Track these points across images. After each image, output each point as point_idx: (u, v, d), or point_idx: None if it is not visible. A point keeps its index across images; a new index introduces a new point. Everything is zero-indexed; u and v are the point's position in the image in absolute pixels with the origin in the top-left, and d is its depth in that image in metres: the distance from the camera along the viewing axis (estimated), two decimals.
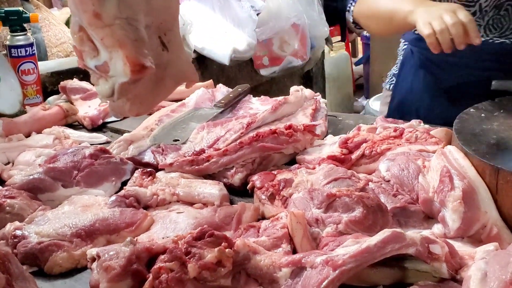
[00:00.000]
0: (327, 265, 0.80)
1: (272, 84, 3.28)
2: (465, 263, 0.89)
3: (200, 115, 1.59)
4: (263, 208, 1.17)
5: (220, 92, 1.76)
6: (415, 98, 1.80)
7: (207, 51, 2.66)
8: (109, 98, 0.75)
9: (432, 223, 1.06)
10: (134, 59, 0.71)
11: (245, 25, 2.62)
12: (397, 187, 1.13)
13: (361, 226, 0.98)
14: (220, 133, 1.39)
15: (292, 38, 2.85)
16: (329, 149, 1.35)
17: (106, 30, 0.72)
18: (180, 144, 1.38)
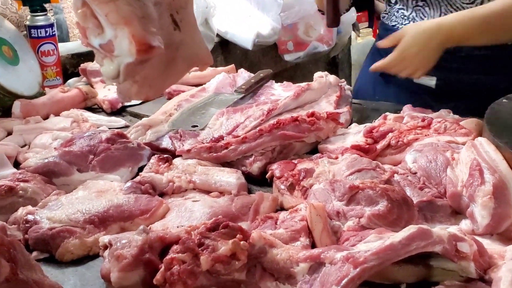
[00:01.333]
0: (347, 262, 0.75)
1: (297, 70, 3.22)
2: (495, 262, 0.84)
3: (220, 101, 1.54)
4: (282, 198, 1.12)
5: (241, 77, 1.72)
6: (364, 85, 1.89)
7: (230, 35, 2.61)
8: (114, 80, 0.71)
9: (460, 218, 1.01)
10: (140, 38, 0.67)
11: (270, 9, 2.56)
12: (424, 180, 1.08)
13: (385, 221, 0.93)
14: (240, 120, 1.35)
15: (317, 23, 2.78)
16: (353, 138, 1.30)
17: (111, 5, 0.68)
18: (198, 130, 1.35)
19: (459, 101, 1.52)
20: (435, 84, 1.65)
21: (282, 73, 3.04)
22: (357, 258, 0.75)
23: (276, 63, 3.00)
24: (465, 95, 1.61)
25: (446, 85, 1.63)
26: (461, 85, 1.63)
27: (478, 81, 1.62)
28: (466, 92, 1.63)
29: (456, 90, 1.63)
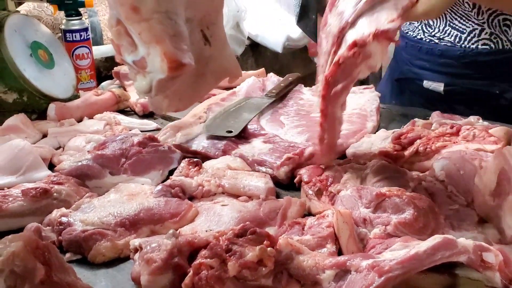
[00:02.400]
0: (372, 270, 0.76)
1: None
2: None
3: (252, 105, 1.56)
4: (309, 203, 1.13)
5: (270, 81, 1.73)
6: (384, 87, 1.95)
7: (260, 38, 2.63)
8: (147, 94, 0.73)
9: (487, 227, 1.00)
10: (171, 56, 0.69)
11: None
12: (451, 188, 1.07)
13: (411, 229, 0.94)
14: None
15: None
16: (381, 144, 1.31)
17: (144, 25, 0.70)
18: (233, 135, 1.37)
19: (469, 107, 1.54)
20: (443, 90, 1.69)
21: (312, 75, 3.04)
22: (382, 267, 0.76)
23: (306, 65, 3.01)
24: (474, 101, 1.65)
25: (454, 90, 1.66)
26: (468, 90, 1.67)
27: (484, 87, 1.65)
28: (474, 98, 1.66)
29: (464, 96, 1.67)
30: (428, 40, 1.72)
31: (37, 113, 1.62)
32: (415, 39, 1.75)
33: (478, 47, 1.62)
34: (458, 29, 1.65)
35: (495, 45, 1.61)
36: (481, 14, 1.60)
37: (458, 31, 1.65)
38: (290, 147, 1.32)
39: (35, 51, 1.62)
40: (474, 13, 1.61)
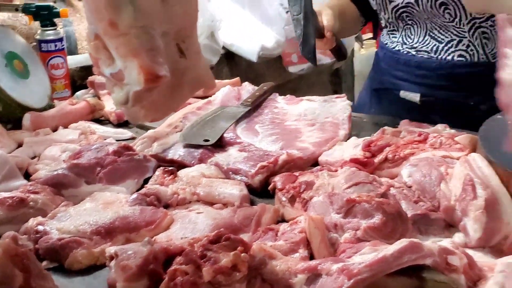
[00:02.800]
0: (342, 273, 0.79)
1: (301, 81, 3.26)
2: (484, 275, 0.87)
3: (228, 114, 1.58)
4: (283, 210, 1.16)
5: (245, 90, 1.76)
6: (365, 97, 1.99)
7: (235, 48, 2.66)
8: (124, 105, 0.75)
9: (453, 231, 1.04)
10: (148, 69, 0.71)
11: (274, 22, 2.61)
12: (418, 194, 1.11)
13: (380, 233, 0.97)
14: None
15: None
16: (352, 151, 1.34)
17: (121, 39, 0.72)
18: (210, 144, 1.39)
19: (444, 117, 1.58)
20: (420, 100, 1.73)
21: (286, 84, 3.08)
22: (352, 270, 0.79)
23: (281, 74, 3.05)
24: (450, 111, 1.69)
25: (430, 101, 1.70)
26: (444, 101, 1.71)
27: (459, 98, 1.70)
28: (450, 108, 1.70)
29: (440, 106, 1.71)
30: (406, 52, 1.75)
31: (12, 123, 1.63)
32: (393, 50, 1.79)
33: (454, 59, 1.66)
34: (437, 39, 1.68)
35: (470, 58, 1.65)
36: (462, 25, 1.63)
37: (437, 41, 1.68)
38: (265, 156, 1.35)
39: (10, 61, 1.62)
40: (455, 23, 1.63)
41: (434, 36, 1.70)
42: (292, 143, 1.42)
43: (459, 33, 1.65)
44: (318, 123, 1.54)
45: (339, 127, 1.52)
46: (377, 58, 1.94)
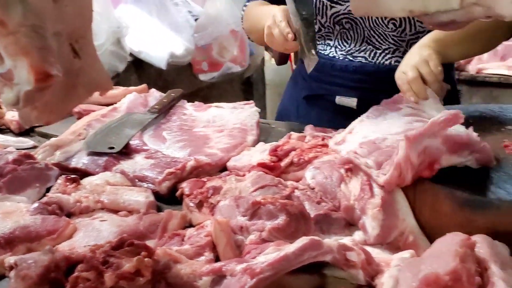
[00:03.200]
0: (245, 273, 0.80)
1: (212, 89, 3.28)
2: (381, 270, 0.91)
3: (134, 121, 1.57)
4: (190, 215, 1.16)
5: (152, 96, 1.75)
6: (289, 105, 1.94)
7: (144, 55, 2.63)
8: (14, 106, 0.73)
9: (353, 230, 1.09)
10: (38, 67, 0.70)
11: (182, 30, 2.61)
12: (321, 195, 1.15)
13: (284, 234, 0.99)
14: None
15: (231, 44, 2.87)
16: (260, 156, 1.36)
17: (10, 38, 0.70)
18: (115, 151, 1.37)
19: None
20: (356, 105, 1.70)
21: (197, 92, 3.09)
22: (254, 269, 0.80)
23: (192, 82, 3.05)
24: None
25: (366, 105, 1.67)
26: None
27: None
28: None
29: None
30: (342, 58, 1.72)
31: None
32: (327, 56, 1.75)
33: (391, 63, 1.66)
34: (374, 46, 1.68)
35: None
36: (404, 36, 1.63)
37: (374, 47, 1.68)
38: (172, 162, 1.35)
39: None
40: (397, 32, 1.64)
41: (371, 43, 1.68)
42: (200, 149, 1.42)
43: (397, 42, 1.66)
44: (226, 129, 1.55)
45: (247, 133, 1.54)
46: (301, 66, 1.85)
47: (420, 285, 0.74)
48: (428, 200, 1.02)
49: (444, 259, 0.78)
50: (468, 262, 0.77)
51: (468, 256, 0.79)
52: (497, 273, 0.77)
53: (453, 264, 0.75)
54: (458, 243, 0.80)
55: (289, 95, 1.97)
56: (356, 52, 1.71)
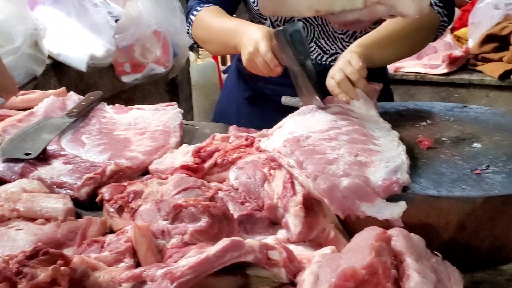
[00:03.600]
0: (165, 277, 0.79)
1: (136, 91, 3.22)
2: (303, 266, 0.92)
3: (51, 125, 1.51)
4: (111, 221, 1.14)
5: (71, 100, 1.69)
6: (228, 106, 1.90)
7: (63, 57, 2.55)
8: None
9: (277, 228, 1.09)
10: None
11: (103, 31, 2.55)
12: (244, 195, 1.15)
13: (207, 236, 0.99)
14: None
15: (153, 45, 2.82)
16: (182, 158, 1.35)
17: None
18: (31, 158, 1.31)
19: None
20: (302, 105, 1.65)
21: (121, 94, 3.03)
22: (174, 273, 0.79)
23: (114, 84, 2.98)
24: None
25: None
26: None
27: None
28: None
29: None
30: None
31: None
32: None
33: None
34: (322, 49, 1.68)
35: None
36: (354, 39, 1.63)
37: (322, 50, 1.68)
38: (92, 167, 1.31)
39: None
40: (346, 35, 1.64)
41: (320, 45, 1.67)
42: (121, 153, 1.39)
43: (344, 46, 1.65)
44: (148, 131, 1.52)
45: (170, 135, 1.52)
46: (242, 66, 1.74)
47: (338, 280, 0.76)
48: None
49: (361, 253, 0.79)
50: (383, 255, 0.79)
51: (384, 250, 0.81)
52: (412, 266, 0.80)
53: (369, 258, 0.77)
54: (374, 237, 0.82)
55: (228, 96, 1.93)
56: None
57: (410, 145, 1.19)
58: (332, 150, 1.09)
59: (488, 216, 0.97)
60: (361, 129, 1.20)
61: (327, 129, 1.19)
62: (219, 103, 2.00)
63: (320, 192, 1.00)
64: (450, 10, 1.58)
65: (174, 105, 1.69)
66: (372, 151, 1.10)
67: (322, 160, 1.05)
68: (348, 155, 1.07)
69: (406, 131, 1.27)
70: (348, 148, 1.10)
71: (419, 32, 1.55)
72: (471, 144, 1.19)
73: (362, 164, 1.05)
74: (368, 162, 1.06)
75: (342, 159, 1.05)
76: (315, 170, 1.02)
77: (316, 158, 1.05)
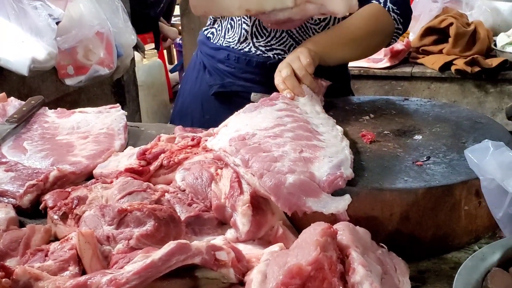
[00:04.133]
0: (111, 284, 0.78)
1: (81, 93, 3.15)
2: (252, 265, 0.92)
3: None
4: (55, 228, 1.11)
5: (11, 106, 1.64)
6: (191, 101, 1.85)
7: (3, 62, 2.46)
8: None
9: (226, 228, 1.09)
10: None
11: (44, 34, 2.47)
12: (192, 196, 1.14)
13: (153, 240, 0.97)
14: None
15: (97, 46, 2.76)
16: (127, 161, 1.33)
17: None
18: None
19: None
20: None
21: (65, 97, 2.95)
22: (120, 280, 0.77)
23: (58, 88, 2.90)
24: None
25: None
26: None
27: None
28: None
29: None
30: (258, 53, 1.67)
31: None
32: (241, 52, 1.68)
33: None
34: (294, 39, 1.64)
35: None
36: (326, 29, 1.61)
37: (295, 41, 1.64)
38: (34, 174, 1.28)
39: None
40: (319, 27, 1.62)
41: (292, 35, 1.63)
42: (64, 158, 1.36)
43: None
44: (91, 135, 1.49)
45: (114, 137, 1.50)
46: (208, 61, 1.77)
47: (284, 278, 0.76)
48: None
49: (307, 249, 0.80)
50: (329, 250, 0.80)
51: (329, 245, 0.81)
52: (357, 259, 0.81)
53: (314, 254, 0.77)
54: (320, 233, 0.82)
55: (190, 92, 1.87)
56: (276, 44, 1.65)
57: (354, 140, 1.21)
58: (277, 147, 1.09)
59: (430, 206, 0.99)
60: (306, 125, 1.21)
61: (272, 126, 1.19)
62: (179, 99, 1.94)
63: (266, 189, 1.00)
64: (406, 18, 1.61)
65: (118, 107, 1.66)
66: (316, 147, 1.11)
67: (267, 157, 1.05)
68: (293, 151, 1.08)
69: (350, 126, 1.29)
70: (293, 144, 1.11)
71: (374, 36, 1.57)
72: (412, 136, 1.21)
73: (307, 160, 1.06)
74: (313, 158, 1.06)
75: (287, 156, 1.05)
76: (261, 168, 1.02)
77: (261, 156, 1.05)
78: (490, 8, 3.29)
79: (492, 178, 0.98)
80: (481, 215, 1.03)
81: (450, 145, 1.16)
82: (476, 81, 2.89)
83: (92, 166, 1.34)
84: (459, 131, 1.23)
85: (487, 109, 2.90)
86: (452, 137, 1.20)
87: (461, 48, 2.98)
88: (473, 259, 0.80)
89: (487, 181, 0.99)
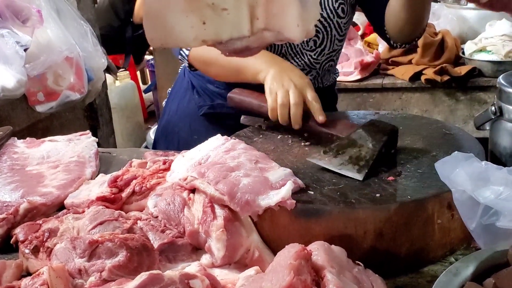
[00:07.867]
0: None
1: (53, 120, 3.11)
2: None
3: None
4: (27, 263, 1.08)
5: None
6: (178, 120, 1.83)
7: None
8: None
9: (201, 253, 1.08)
10: None
11: (12, 61, 2.43)
12: (165, 222, 1.13)
13: (126, 270, 0.96)
14: None
15: (66, 71, 2.72)
16: (99, 189, 1.31)
17: None
18: None
19: None
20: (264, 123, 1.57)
21: (37, 124, 2.91)
22: None
23: (29, 115, 2.86)
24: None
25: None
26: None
27: None
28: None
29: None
30: None
31: None
32: None
33: None
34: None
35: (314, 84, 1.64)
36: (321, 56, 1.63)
37: None
38: (4, 207, 1.25)
39: None
40: (315, 53, 1.63)
41: (288, 59, 1.61)
42: (34, 189, 1.33)
43: (311, 64, 1.65)
44: (62, 164, 1.47)
45: (85, 165, 1.48)
46: (198, 81, 1.76)
47: None
48: (267, 214, 1.04)
49: (281, 273, 0.79)
50: (303, 273, 0.80)
51: (303, 268, 0.81)
52: (332, 281, 0.80)
53: (288, 279, 0.76)
54: (293, 256, 0.81)
55: (176, 110, 1.84)
56: None
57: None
58: (232, 160, 1.15)
59: (403, 222, 0.99)
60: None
61: (223, 143, 1.26)
62: (163, 117, 1.91)
63: (220, 192, 1.04)
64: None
65: (88, 133, 1.64)
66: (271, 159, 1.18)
67: (223, 167, 1.11)
68: (249, 162, 1.14)
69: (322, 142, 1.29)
70: (247, 155, 1.17)
71: None
72: None
73: (262, 169, 1.12)
74: (268, 168, 1.13)
75: (243, 166, 1.12)
76: (217, 176, 1.08)
77: (217, 167, 1.12)
78: (457, 17, 3.33)
79: (463, 190, 0.98)
80: (455, 227, 1.04)
81: (421, 159, 1.16)
82: (446, 90, 2.92)
83: (63, 196, 1.32)
84: (430, 143, 1.24)
85: (459, 116, 2.93)
86: (422, 150, 1.21)
87: (429, 57, 3.01)
88: (447, 274, 0.79)
89: (458, 192, 0.99)
